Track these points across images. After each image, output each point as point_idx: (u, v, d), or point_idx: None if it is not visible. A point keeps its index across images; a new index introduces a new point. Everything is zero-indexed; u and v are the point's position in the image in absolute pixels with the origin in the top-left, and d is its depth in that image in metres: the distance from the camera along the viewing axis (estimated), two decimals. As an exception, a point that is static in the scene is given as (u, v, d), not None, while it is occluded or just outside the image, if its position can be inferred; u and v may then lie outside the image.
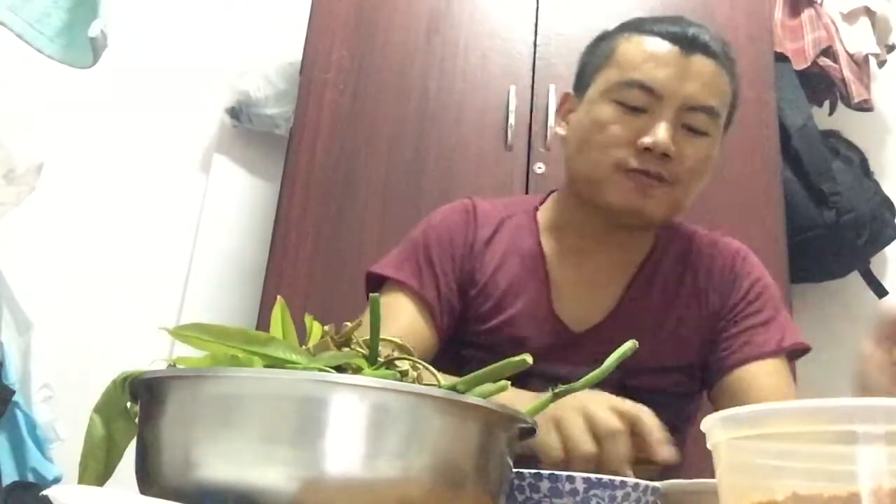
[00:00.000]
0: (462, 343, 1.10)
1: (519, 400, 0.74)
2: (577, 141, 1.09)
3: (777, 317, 1.10)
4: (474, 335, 1.10)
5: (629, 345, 0.62)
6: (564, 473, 0.61)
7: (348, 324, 0.59)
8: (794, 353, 1.10)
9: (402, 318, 1.07)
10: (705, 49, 1.05)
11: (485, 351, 1.08)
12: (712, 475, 0.46)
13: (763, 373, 1.05)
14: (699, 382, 1.11)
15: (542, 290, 1.10)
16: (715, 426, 0.44)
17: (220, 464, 0.48)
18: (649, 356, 1.04)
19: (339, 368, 0.53)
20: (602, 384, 1.01)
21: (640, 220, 1.07)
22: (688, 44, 1.04)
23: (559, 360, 1.04)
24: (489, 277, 1.11)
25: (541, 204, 1.20)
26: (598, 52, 1.12)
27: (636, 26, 1.10)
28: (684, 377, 1.10)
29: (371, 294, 0.56)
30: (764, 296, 1.11)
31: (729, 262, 1.14)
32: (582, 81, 1.13)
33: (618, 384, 1.01)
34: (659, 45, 1.05)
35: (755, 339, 1.07)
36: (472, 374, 0.54)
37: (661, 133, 1.01)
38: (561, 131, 1.16)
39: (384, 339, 0.58)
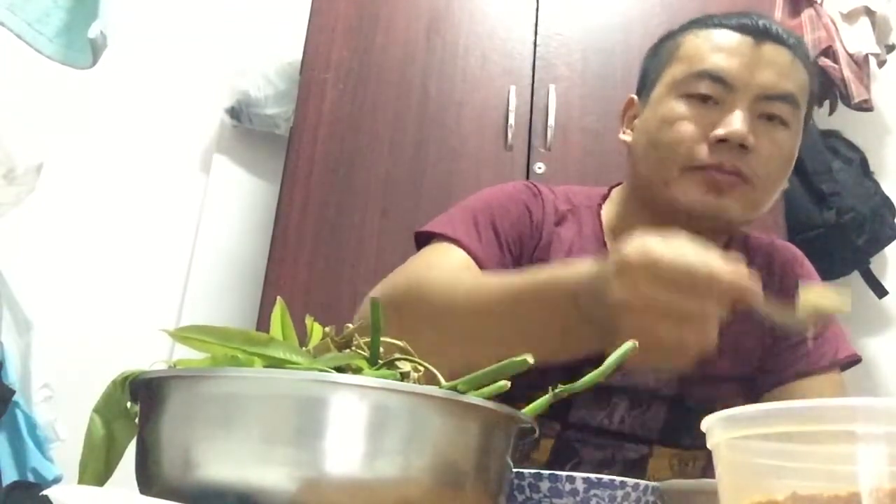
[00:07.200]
0: None
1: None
2: (643, 144, 1.01)
3: (833, 326, 1.06)
4: None
5: (629, 345, 0.62)
6: (564, 474, 0.61)
7: (349, 325, 0.59)
8: (847, 365, 1.06)
9: (449, 265, 0.96)
10: (777, 37, 0.97)
11: None
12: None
13: (816, 388, 1.01)
14: (749, 394, 1.06)
15: None
16: (715, 426, 0.44)
17: (220, 464, 0.48)
18: (708, 366, 1.01)
19: (340, 369, 0.53)
20: (659, 396, 1.00)
21: (716, 222, 0.97)
22: (759, 33, 0.97)
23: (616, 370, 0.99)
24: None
25: (603, 200, 1.11)
26: (662, 52, 1.05)
27: (702, 22, 1.02)
28: (739, 389, 1.04)
29: (371, 296, 0.56)
30: None
31: (789, 267, 1.09)
32: (645, 84, 1.06)
33: (676, 394, 0.99)
34: (727, 36, 0.98)
35: (811, 352, 1.03)
36: (472, 374, 0.54)
37: (736, 122, 0.92)
38: (626, 138, 1.07)
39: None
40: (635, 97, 1.09)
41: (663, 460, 1.01)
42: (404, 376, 0.56)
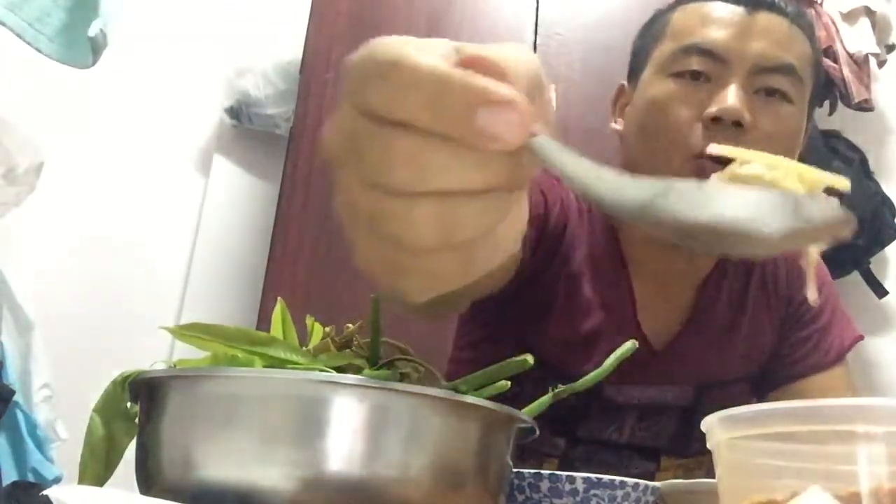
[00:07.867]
0: (526, 351, 0.98)
1: None
2: (634, 131, 0.93)
3: (837, 314, 1.03)
4: (545, 340, 0.96)
5: (629, 345, 0.61)
6: (564, 473, 0.61)
7: (350, 325, 0.59)
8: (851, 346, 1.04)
9: None
10: (773, 6, 0.89)
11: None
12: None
13: (821, 385, 0.99)
14: (759, 393, 1.04)
15: (626, 302, 0.97)
16: (715, 426, 0.44)
17: (220, 464, 0.48)
18: (722, 368, 0.99)
19: (340, 369, 0.53)
20: (670, 407, 0.98)
21: None
22: (752, 2, 0.89)
23: (637, 378, 0.94)
24: (569, 273, 0.96)
25: None
26: (650, 31, 0.97)
27: None
28: (749, 388, 1.02)
29: (371, 296, 0.56)
30: (824, 291, 1.04)
31: (792, 259, 1.03)
32: (634, 67, 0.97)
33: (694, 400, 0.98)
34: (718, 8, 0.90)
35: (819, 345, 1.01)
36: (473, 374, 0.54)
37: (729, 97, 0.84)
38: (617, 127, 0.99)
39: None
40: (625, 83, 1.01)
41: (668, 473, 1.00)
42: (404, 376, 0.55)
